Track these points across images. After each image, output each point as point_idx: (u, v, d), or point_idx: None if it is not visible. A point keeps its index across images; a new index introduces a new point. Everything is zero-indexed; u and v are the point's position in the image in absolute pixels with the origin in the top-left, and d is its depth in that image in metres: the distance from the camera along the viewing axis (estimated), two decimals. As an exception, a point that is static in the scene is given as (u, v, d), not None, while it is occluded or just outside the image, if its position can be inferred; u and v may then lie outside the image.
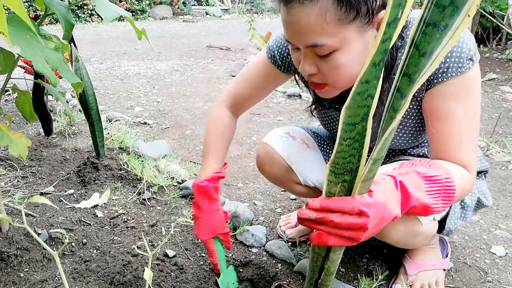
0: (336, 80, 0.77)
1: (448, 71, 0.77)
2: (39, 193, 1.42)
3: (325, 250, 0.70)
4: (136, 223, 1.29)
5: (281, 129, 1.14)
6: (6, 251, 1.03)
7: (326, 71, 0.76)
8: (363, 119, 0.55)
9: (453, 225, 0.96)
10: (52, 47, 0.82)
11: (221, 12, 10.99)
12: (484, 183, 1.05)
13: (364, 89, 0.52)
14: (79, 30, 7.23)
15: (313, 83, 0.81)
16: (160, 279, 1.00)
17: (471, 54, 0.77)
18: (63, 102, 1.21)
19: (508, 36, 4.22)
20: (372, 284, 1.02)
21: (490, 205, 1.04)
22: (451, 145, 0.79)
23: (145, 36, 1.05)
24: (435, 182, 0.69)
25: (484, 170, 1.04)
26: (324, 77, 0.77)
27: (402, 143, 0.96)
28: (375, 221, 0.60)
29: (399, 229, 0.85)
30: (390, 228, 0.83)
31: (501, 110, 2.52)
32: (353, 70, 0.75)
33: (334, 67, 0.74)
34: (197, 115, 2.52)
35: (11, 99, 2.57)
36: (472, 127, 0.80)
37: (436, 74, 0.78)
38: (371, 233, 0.61)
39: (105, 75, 3.57)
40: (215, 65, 4.04)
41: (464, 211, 0.98)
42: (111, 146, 1.83)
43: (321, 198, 0.63)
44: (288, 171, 1.09)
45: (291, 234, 1.23)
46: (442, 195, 0.70)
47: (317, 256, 0.72)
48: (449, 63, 0.76)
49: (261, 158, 1.12)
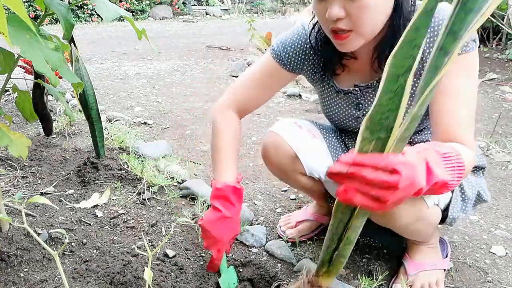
0: (362, 24, 0.80)
1: None
2: (39, 193, 1.42)
3: (348, 215, 0.67)
4: (136, 223, 1.29)
5: (290, 119, 1.13)
6: (6, 251, 1.03)
7: (354, 13, 0.79)
8: (406, 71, 0.54)
9: (456, 214, 0.95)
10: (52, 47, 0.82)
11: (221, 12, 10.99)
12: (483, 180, 1.05)
13: (413, 37, 0.52)
14: (79, 30, 7.23)
15: (337, 33, 0.83)
16: (160, 279, 1.00)
17: (474, 36, 0.82)
18: (63, 102, 1.21)
19: (508, 36, 4.22)
20: (372, 284, 1.02)
21: (489, 200, 1.04)
22: (452, 121, 0.82)
23: (145, 36, 1.05)
24: (450, 158, 0.71)
25: (482, 167, 1.04)
26: (351, 20, 0.80)
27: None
28: (406, 183, 0.57)
29: (407, 209, 0.85)
30: (400, 207, 0.83)
31: (501, 110, 2.52)
32: (378, 16, 0.80)
33: (362, 7, 0.78)
34: (197, 115, 2.52)
35: (11, 99, 2.57)
36: (470, 105, 0.83)
37: None
38: (397, 198, 0.59)
39: (105, 75, 3.57)
40: (215, 65, 4.04)
41: (465, 204, 0.98)
42: (111, 146, 1.83)
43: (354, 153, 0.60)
44: (294, 160, 1.06)
45: (291, 234, 1.23)
46: (456, 171, 0.71)
47: (338, 223, 0.68)
48: None
49: (267, 146, 1.09)
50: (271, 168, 1.14)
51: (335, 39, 0.86)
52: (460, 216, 0.97)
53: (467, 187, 0.98)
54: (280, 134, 1.07)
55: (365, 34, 0.83)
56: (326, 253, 0.72)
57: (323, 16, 0.83)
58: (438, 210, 0.93)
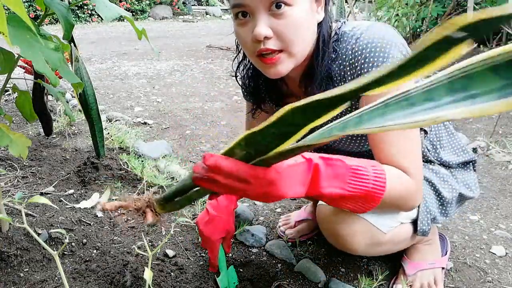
0: (292, 42, 0.76)
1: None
2: (39, 193, 1.42)
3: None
4: (136, 223, 1.29)
5: None
6: (6, 251, 1.03)
7: (282, 30, 0.74)
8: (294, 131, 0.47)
9: (426, 226, 0.94)
10: (52, 47, 0.82)
11: (221, 12, 10.99)
12: (472, 175, 1.03)
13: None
14: (79, 30, 7.23)
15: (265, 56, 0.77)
16: (160, 279, 1.00)
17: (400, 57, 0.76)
18: (63, 102, 1.21)
19: (508, 36, 4.22)
20: (372, 284, 1.02)
21: (475, 196, 1.02)
22: (391, 153, 0.77)
23: (145, 36, 1.05)
24: (360, 176, 0.66)
25: (471, 160, 1.03)
26: (280, 39, 0.75)
27: (355, 147, 0.94)
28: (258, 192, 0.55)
29: (361, 241, 0.85)
30: (352, 241, 0.84)
31: (501, 110, 2.52)
32: (306, 34, 0.77)
33: (290, 25, 0.74)
34: (197, 115, 2.52)
35: (11, 99, 2.57)
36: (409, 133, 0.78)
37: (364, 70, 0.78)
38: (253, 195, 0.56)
39: (105, 75, 3.57)
40: (215, 65, 4.04)
41: (444, 207, 0.97)
42: (111, 146, 1.83)
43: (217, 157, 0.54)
44: None
45: (291, 234, 1.24)
46: (366, 192, 0.67)
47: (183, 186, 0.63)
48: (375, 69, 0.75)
49: None
50: None
51: (263, 63, 0.79)
52: (440, 221, 0.97)
53: (446, 191, 0.96)
54: None
55: (296, 53, 0.78)
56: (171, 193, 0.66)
57: (248, 41, 0.78)
58: (403, 227, 0.91)
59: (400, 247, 0.99)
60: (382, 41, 0.77)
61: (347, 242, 0.85)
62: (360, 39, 0.79)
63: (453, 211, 1.00)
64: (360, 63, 0.78)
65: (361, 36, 0.79)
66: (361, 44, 0.78)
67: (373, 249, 0.90)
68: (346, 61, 0.82)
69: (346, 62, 0.82)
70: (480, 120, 2.36)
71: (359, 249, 0.87)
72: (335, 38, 0.83)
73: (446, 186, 0.97)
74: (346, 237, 0.85)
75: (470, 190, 1.02)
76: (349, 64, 0.81)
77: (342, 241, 0.86)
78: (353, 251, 0.88)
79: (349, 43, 0.81)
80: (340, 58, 0.83)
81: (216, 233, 0.97)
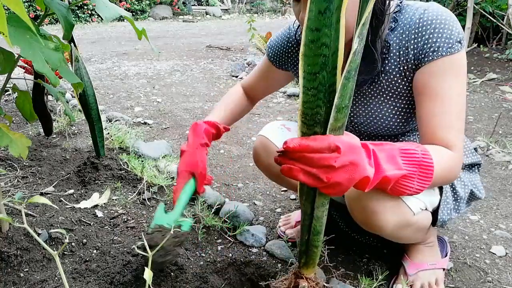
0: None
1: (439, 50, 0.80)
2: (39, 193, 1.42)
3: (310, 207, 0.72)
4: (136, 223, 1.29)
5: (277, 122, 1.16)
6: (6, 251, 1.03)
7: None
8: (322, 68, 0.57)
9: (446, 216, 0.95)
10: (52, 47, 0.82)
11: (221, 12, 10.99)
12: (477, 176, 1.05)
13: (316, 37, 0.55)
14: (79, 30, 7.23)
15: None
16: (160, 279, 1.00)
17: (460, 37, 0.81)
18: (63, 102, 1.21)
19: (508, 36, 4.22)
20: (372, 284, 1.02)
21: (482, 197, 1.04)
22: (437, 123, 0.81)
23: (145, 36, 1.05)
24: (411, 155, 0.71)
25: (477, 163, 1.04)
26: None
27: (393, 126, 0.96)
28: (346, 162, 0.60)
29: (391, 219, 0.85)
30: (382, 218, 0.84)
31: (501, 110, 2.52)
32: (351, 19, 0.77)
33: None
34: (197, 115, 2.52)
35: (11, 99, 2.57)
36: (458, 107, 0.82)
37: (427, 52, 0.82)
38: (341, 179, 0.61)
39: (105, 75, 3.57)
40: (215, 65, 4.04)
41: (458, 203, 0.98)
42: (111, 146, 1.83)
43: (299, 138, 0.63)
44: None
45: (291, 234, 1.24)
46: (419, 170, 0.72)
47: (304, 215, 0.74)
48: (439, 43, 0.80)
49: (257, 150, 1.13)
50: (264, 171, 1.17)
51: None
52: (453, 216, 0.98)
53: (459, 187, 0.98)
54: (268, 137, 1.10)
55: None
56: (301, 243, 0.78)
57: (299, 18, 0.85)
58: (427, 214, 0.92)
59: (418, 237, 0.98)
60: (451, 17, 0.82)
61: (377, 219, 0.84)
62: (429, 11, 0.83)
63: (463, 209, 1.00)
64: (429, 32, 0.82)
65: (429, 9, 0.83)
66: (431, 15, 0.82)
67: (399, 231, 0.89)
68: (409, 30, 0.85)
69: (410, 31, 0.85)
70: (480, 120, 2.36)
71: (388, 228, 0.87)
72: (397, 9, 0.87)
73: (459, 182, 0.99)
74: (377, 214, 0.84)
75: (478, 190, 1.03)
76: (414, 33, 0.84)
77: (372, 218, 0.85)
78: (381, 230, 0.87)
79: (414, 14, 0.85)
80: (402, 28, 0.86)
81: (181, 165, 0.99)
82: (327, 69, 0.57)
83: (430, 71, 0.82)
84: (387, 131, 0.98)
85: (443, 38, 0.80)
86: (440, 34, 0.81)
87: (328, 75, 0.57)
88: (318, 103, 0.59)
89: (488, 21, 4.12)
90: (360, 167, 0.61)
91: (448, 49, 0.80)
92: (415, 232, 0.93)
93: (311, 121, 0.61)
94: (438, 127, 0.81)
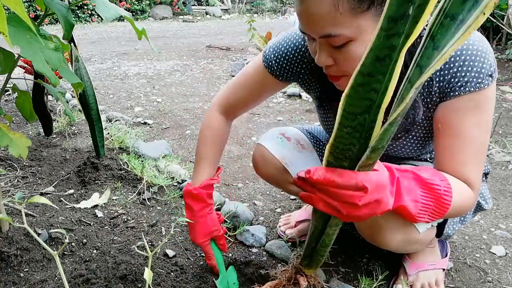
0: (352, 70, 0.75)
1: (467, 85, 0.75)
2: (39, 193, 1.42)
3: (321, 224, 0.71)
4: (136, 223, 1.29)
5: (276, 130, 1.15)
6: (6, 251, 1.03)
7: (342, 63, 0.74)
8: (365, 111, 0.53)
9: (452, 231, 0.96)
10: (52, 47, 0.82)
11: (221, 12, 11.00)
12: (485, 186, 1.04)
13: (367, 81, 0.51)
14: (79, 30, 7.23)
15: (330, 75, 0.80)
16: (160, 279, 1.00)
17: (491, 70, 0.75)
18: (63, 102, 1.21)
19: (508, 36, 4.22)
20: (372, 284, 1.02)
21: (489, 208, 1.03)
22: (457, 161, 0.78)
23: (145, 36, 1.05)
24: (431, 190, 0.69)
25: (485, 172, 1.04)
26: (340, 68, 0.75)
27: (410, 151, 0.95)
28: (370, 200, 0.58)
29: (397, 237, 0.84)
30: (389, 236, 0.83)
31: (501, 110, 2.52)
32: None
33: (350, 58, 0.72)
34: (197, 115, 2.52)
35: (11, 99, 2.57)
36: (481, 146, 0.78)
37: (454, 86, 0.76)
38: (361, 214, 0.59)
39: (105, 75, 3.57)
40: (215, 65, 4.04)
41: (463, 215, 0.98)
42: (111, 146, 1.83)
43: (324, 170, 0.59)
44: (283, 172, 1.09)
45: (291, 234, 1.23)
46: (434, 205, 0.70)
47: (314, 228, 0.73)
48: (468, 77, 0.74)
49: (256, 160, 1.13)
50: (263, 178, 1.17)
51: (330, 79, 0.82)
52: (457, 227, 0.98)
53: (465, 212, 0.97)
54: (267, 147, 1.09)
55: None
56: (306, 248, 0.78)
57: (315, 56, 0.77)
58: (432, 230, 0.91)
59: (422, 248, 0.98)
60: (483, 47, 0.75)
61: (383, 236, 0.84)
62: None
63: (468, 220, 1.00)
64: (457, 65, 0.75)
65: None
66: (462, 45, 0.75)
67: (403, 246, 0.89)
68: None
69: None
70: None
71: (392, 245, 0.86)
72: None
73: None
74: (384, 230, 0.83)
75: (484, 201, 1.02)
76: (440, 69, 0.77)
77: (378, 234, 0.84)
78: (384, 245, 0.87)
79: None
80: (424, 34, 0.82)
81: (198, 237, 1.00)
82: (370, 112, 0.53)
83: (455, 107, 0.77)
84: (403, 154, 0.97)
85: (472, 72, 0.74)
86: (470, 67, 0.74)
87: (370, 117, 0.53)
88: (352, 141, 0.56)
89: (488, 21, 4.12)
90: (383, 204, 0.60)
91: (477, 84, 0.74)
92: (419, 246, 0.93)
93: (340, 155, 0.58)
94: (459, 163, 0.78)
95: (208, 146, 1.06)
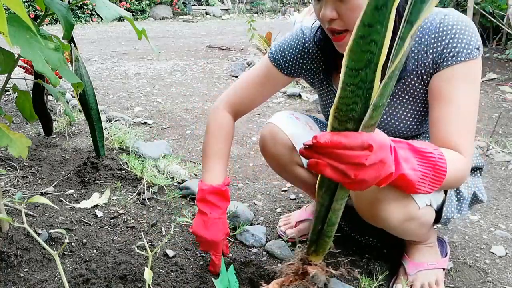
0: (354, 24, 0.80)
1: (458, 55, 0.82)
2: (39, 193, 1.42)
3: (328, 200, 0.72)
4: (136, 223, 1.29)
5: (286, 111, 1.15)
6: (6, 251, 1.03)
7: (345, 14, 0.81)
8: (366, 65, 0.56)
9: (450, 214, 0.95)
10: (52, 47, 0.82)
11: (221, 12, 11.00)
12: (480, 180, 1.05)
13: (367, 33, 0.54)
14: (79, 30, 7.23)
15: (334, 34, 0.86)
16: (160, 279, 1.00)
17: (478, 44, 0.83)
18: (63, 102, 1.22)
19: (508, 36, 4.22)
20: (372, 284, 1.02)
21: (485, 200, 1.04)
22: (450, 131, 0.82)
23: (145, 36, 1.05)
24: (426, 158, 0.72)
25: (480, 167, 1.05)
26: (344, 21, 0.82)
27: (408, 129, 0.97)
28: (376, 160, 0.59)
29: (396, 209, 0.85)
30: (387, 208, 0.84)
31: (501, 110, 2.52)
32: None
33: (353, 9, 0.80)
34: (197, 115, 2.52)
35: (11, 99, 2.57)
36: (471, 114, 0.83)
37: (446, 57, 0.83)
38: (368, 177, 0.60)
39: (105, 75, 3.58)
40: (215, 65, 4.04)
41: (460, 204, 0.98)
42: (111, 146, 1.83)
43: (330, 133, 0.61)
44: (291, 151, 1.07)
45: (291, 234, 1.24)
46: (432, 174, 0.72)
47: (320, 206, 0.74)
48: (459, 48, 0.82)
49: (264, 138, 1.10)
50: (269, 160, 1.15)
51: (333, 40, 0.89)
52: (455, 216, 0.98)
53: (463, 187, 0.98)
54: (277, 124, 1.08)
55: None
56: (312, 233, 0.79)
57: (319, 16, 0.86)
58: (431, 211, 0.92)
59: (422, 232, 0.98)
60: (470, 24, 0.84)
61: (383, 210, 0.84)
62: (449, 16, 0.84)
63: (465, 211, 1.00)
64: (449, 37, 0.83)
65: (449, 14, 0.84)
66: (451, 21, 0.83)
67: (403, 224, 0.89)
68: (429, 34, 0.85)
69: (430, 35, 0.85)
70: (480, 120, 2.36)
71: (392, 220, 0.86)
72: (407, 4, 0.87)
73: (463, 183, 0.98)
74: (383, 204, 0.84)
75: (481, 193, 1.03)
76: (434, 37, 0.85)
77: (378, 209, 0.85)
78: (386, 221, 0.87)
79: (434, 19, 0.86)
80: (421, 32, 0.87)
81: (219, 234, 0.99)
82: (371, 66, 0.56)
83: (448, 76, 0.83)
84: (401, 133, 0.98)
85: (463, 43, 0.81)
86: (460, 39, 0.82)
87: (370, 72, 0.56)
88: (355, 100, 0.58)
89: (488, 21, 4.12)
90: (387, 165, 0.62)
91: (467, 54, 0.81)
92: (419, 227, 0.93)
93: (344, 117, 0.60)
94: (452, 132, 0.82)
95: (221, 142, 1.08)
